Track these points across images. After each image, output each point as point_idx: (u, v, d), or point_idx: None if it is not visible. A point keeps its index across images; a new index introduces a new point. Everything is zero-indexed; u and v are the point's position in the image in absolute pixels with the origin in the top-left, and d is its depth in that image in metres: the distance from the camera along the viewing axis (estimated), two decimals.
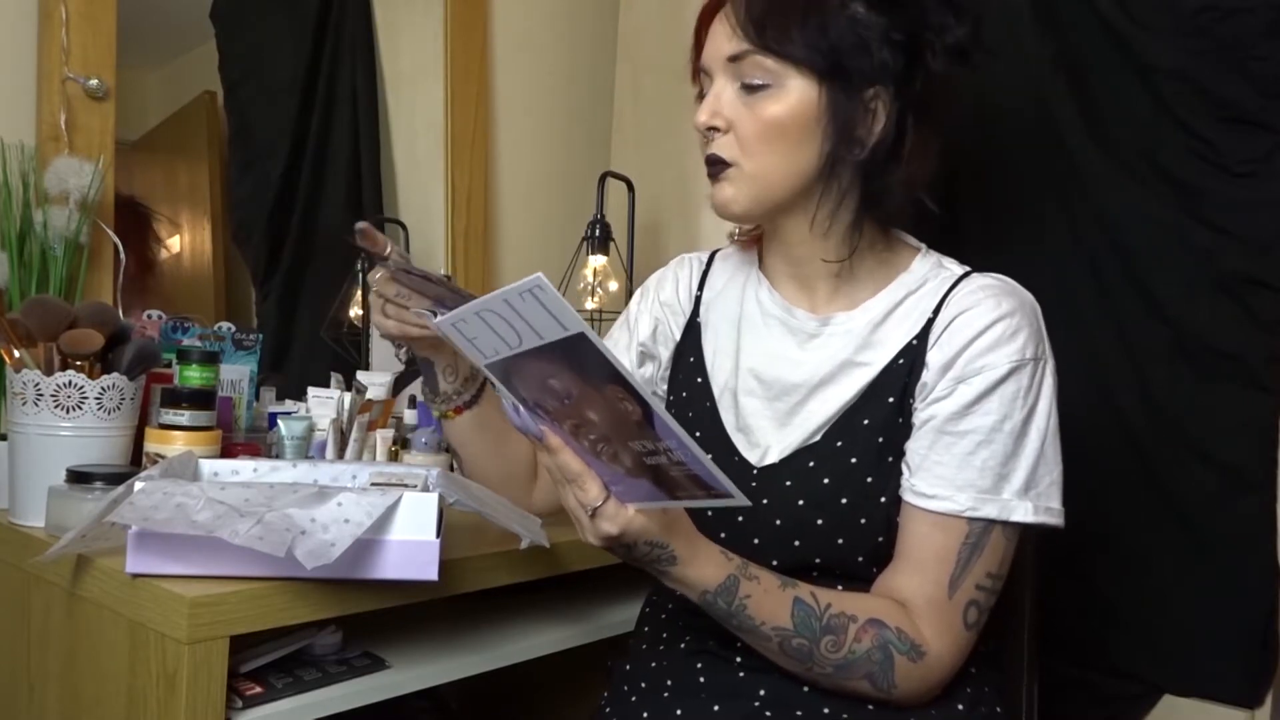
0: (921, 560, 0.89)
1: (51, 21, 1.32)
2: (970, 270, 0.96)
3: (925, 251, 1.00)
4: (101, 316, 1.07)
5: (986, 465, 0.88)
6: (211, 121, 1.65)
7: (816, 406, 0.95)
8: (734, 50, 0.91)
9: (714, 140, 0.94)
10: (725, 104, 0.93)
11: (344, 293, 1.72)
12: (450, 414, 1.05)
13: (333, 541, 0.84)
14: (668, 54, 2.01)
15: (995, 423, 0.88)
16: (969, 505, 0.87)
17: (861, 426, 0.93)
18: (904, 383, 0.92)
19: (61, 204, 1.26)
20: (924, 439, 0.90)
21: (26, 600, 1.02)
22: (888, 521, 0.91)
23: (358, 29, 1.81)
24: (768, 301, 1.02)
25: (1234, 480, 1.23)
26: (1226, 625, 1.22)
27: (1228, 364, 1.23)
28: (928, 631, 0.87)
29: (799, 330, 0.99)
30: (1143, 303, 1.29)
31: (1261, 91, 1.20)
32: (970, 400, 0.88)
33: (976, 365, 0.89)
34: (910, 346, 0.93)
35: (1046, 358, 0.91)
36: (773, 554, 0.93)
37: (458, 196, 1.83)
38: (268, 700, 0.90)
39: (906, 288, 0.96)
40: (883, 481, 0.91)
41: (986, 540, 0.88)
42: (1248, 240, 1.21)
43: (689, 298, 1.09)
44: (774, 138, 0.91)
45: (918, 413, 0.92)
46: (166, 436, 1.08)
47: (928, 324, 0.93)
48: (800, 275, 1.00)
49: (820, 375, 0.96)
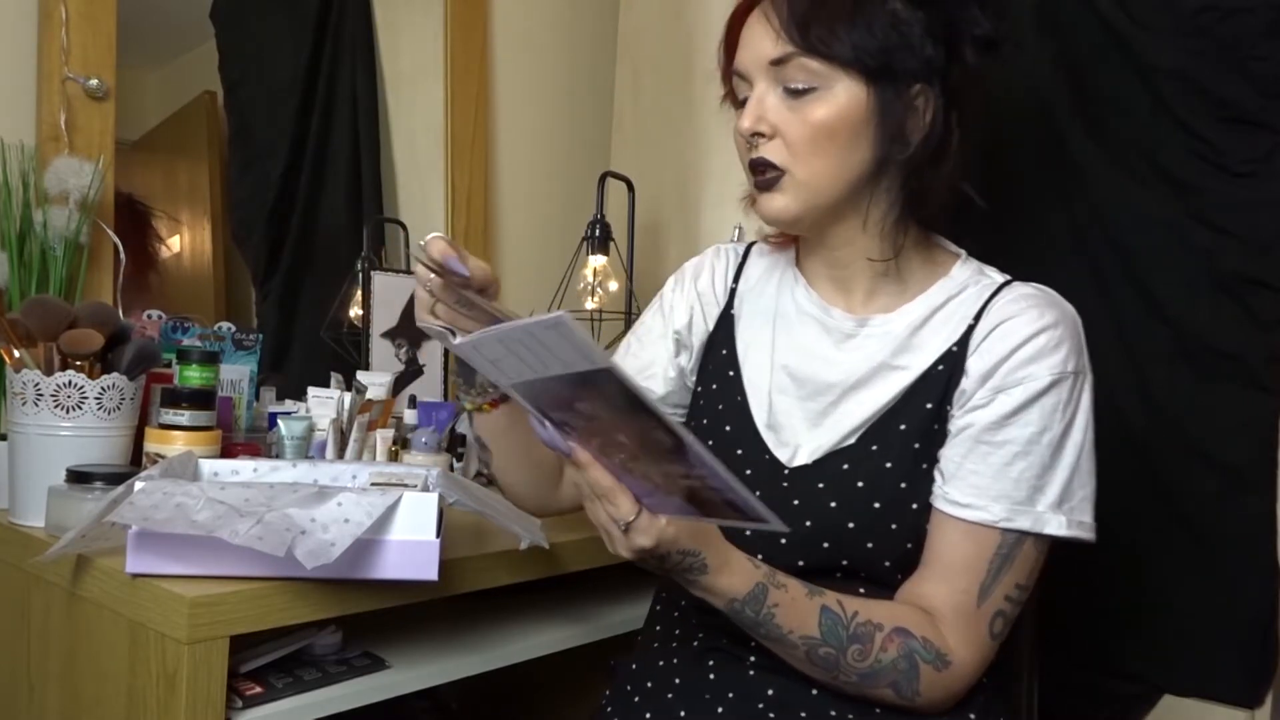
0: (951, 568, 0.88)
1: (51, 21, 1.32)
2: (1011, 279, 0.95)
3: (965, 258, 0.99)
4: (101, 316, 1.07)
5: (1022, 477, 0.87)
6: (211, 121, 1.65)
7: (851, 408, 0.94)
8: (777, 53, 0.89)
9: (760, 145, 0.91)
10: (770, 109, 0.90)
11: (344, 293, 1.72)
12: (486, 407, 1.02)
13: (333, 541, 0.84)
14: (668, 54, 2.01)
15: (1034, 434, 0.87)
16: (1003, 516, 0.87)
17: (898, 431, 0.92)
18: (943, 389, 0.91)
19: (61, 204, 1.26)
20: (960, 447, 0.89)
21: (26, 600, 1.02)
22: (917, 528, 0.90)
23: (358, 29, 1.81)
24: (804, 300, 1.01)
25: (1234, 480, 1.23)
26: (1226, 625, 1.22)
27: (1228, 364, 1.23)
28: (953, 640, 0.87)
29: (835, 330, 0.98)
30: (1143, 303, 1.29)
31: (1261, 91, 1.20)
32: (1010, 411, 0.88)
33: (1018, 375, 0.88)
34: (950, 353, 0.92)
35: (1086, 372, 0.90)
36: (799, 555, 0.92)
37: (458, 196, 1.83)
38: (268, 700, 0.90)
39: (947, 292, 0.95)
40: (915, 487, 0.91)
41: (1018, 551, 0.88)
42: (1248, 240, 1.21)
43: (724, 289, 1.08)
44: (824, 142, 0.89)
45: (954, 420, 0.91)
46: (166, 436, 1.08)
47: (968, 330, 0.92)
48: (839, 276, 0.99)
49: (856, 376, 0.95)
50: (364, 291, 1.65)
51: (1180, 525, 1.26)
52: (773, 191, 0.92)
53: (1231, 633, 1.22)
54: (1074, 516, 0.88)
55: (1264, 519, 1.21)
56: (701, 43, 1.95)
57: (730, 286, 1.08)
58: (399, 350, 1.68)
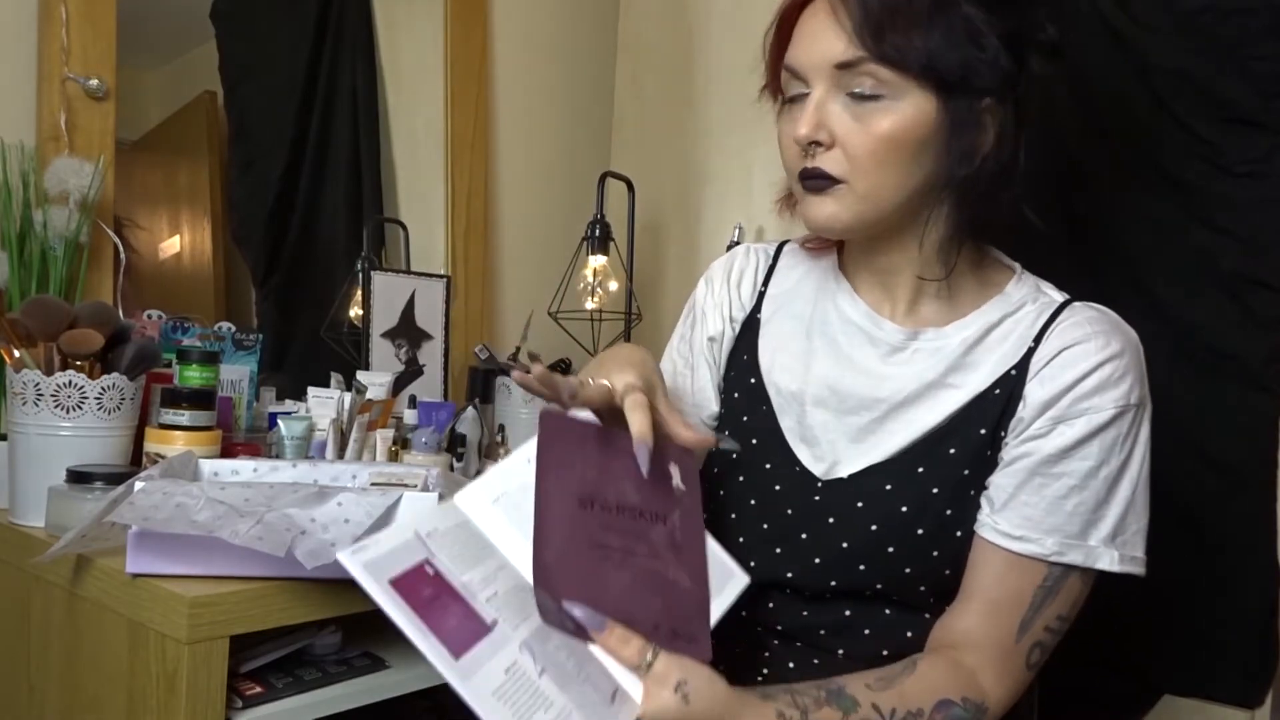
0: (995, 602, 0.85)
1: (51, 21, 1.32)
2: (1071, 298, 0.91)
3: (1021, 272, 0.94)
4: (101, 316, 1.07)
5: (1077, 511, 0.84)
6: (211, 121, 1.65)
7: (897, 427, 0.89)
8: (847, 57, 0.82)
9: (816, 155, 0.84)
10: (831, 116, 0.83)
11: (344, 293, 1.72)
12: None
13: (333, 541, 0.84)
14: (668, 54, 2.01)
15: (1092, 468, 0.84)
16: (1054, 550, 0.83)
17: (946, 455, 0.88)
18: (999, 415, 0.87)
19: (61, 204, 1.26)
20: (1014, 476, 0.85)
21: (26, 600, 1.02)
22: (958, 555, 0.87)
23: (358, 29, 1.81)
24: (848, 308, 0.94)
25: (1234, 480, 1.22)
26: (1226, 625, 1.22)
27: (1228, 364, 1.23)
28: (989, 681, 0.84)
29: (883, 342, 0.92)
30: (1143, 303, 1.29)
31: (1261, 91, 1.20)
32: (1071, 444, 0.84)
33: (1081, 407, 0.84)
34: (1008, 376, 0.87)
35: (1148, 404, 0.86)
36: (833, 575, 0.89)
37: (458, 196, 1.83)
38: (268, 700, 0.90)
39: (1003, 310, 0.90)
40: (961, 515, 0.87)
41: (1063, 584, 0.84)
42: (1248, 240, 1.21)
43: (751, 291, 1.02)
44: (888, 154, 0.82)
45: (1008, 448, 0.87)
46: (166, 436, 1.08)
47: (1028, 353, 0.87)
48: (888, 284, 0.93)
49: (905, 394, 0.90)
50: (364, 291, 1.65)
51: (1180, 525, 1.26)
52: (823, 196, 0.85)
53: (1231, 632, 1.22)
54: (1126, 551, 0.85)
55: (1264, 519, 1.21)
56: (701, 43, 1.95)
57: (760, 290, 1.02)
58: (399, 350, 1.68)
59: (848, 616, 0.90)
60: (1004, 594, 0.84)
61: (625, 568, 0.74)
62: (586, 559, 0.73)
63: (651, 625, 0.73)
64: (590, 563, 0.73)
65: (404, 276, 1.71)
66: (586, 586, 0.71)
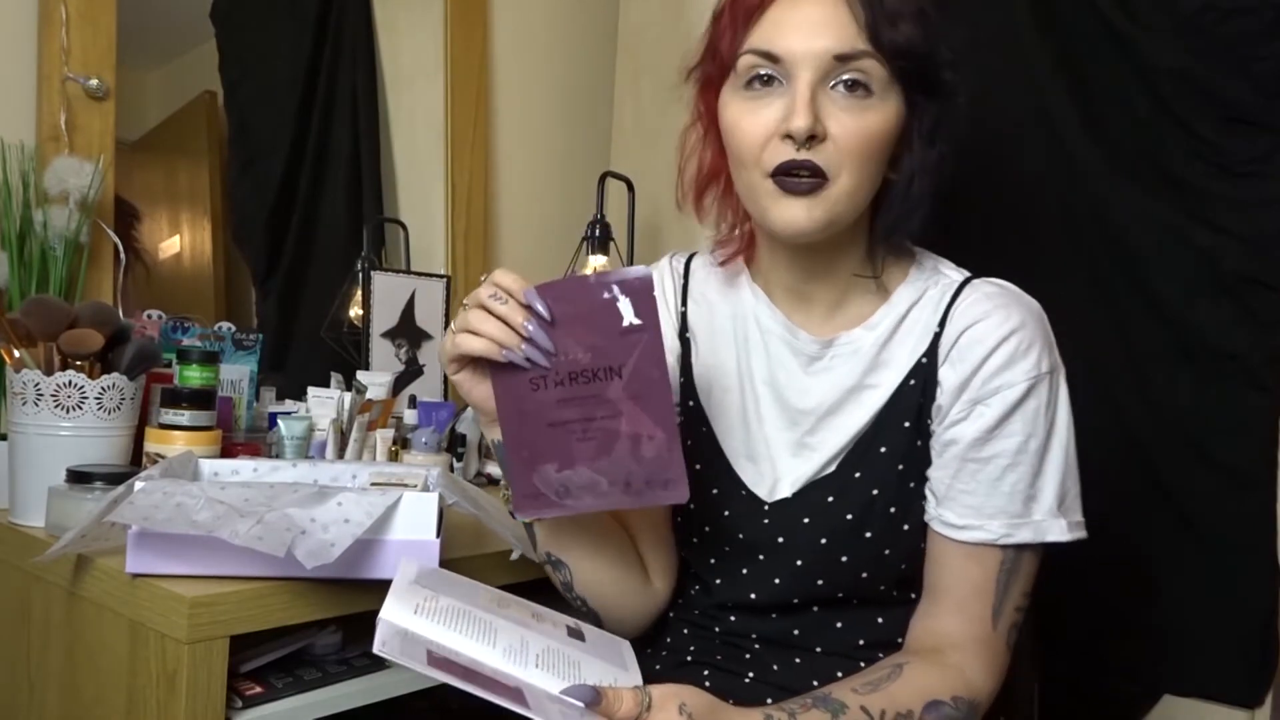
0: (962, 598, 0.86)
1: (51, 21, 1.32)
2: (970, 276, 0.91)
3: (919, 255, 0.94)
4: (101, 316, 1.07)
5: (1015, 489, 0.85)
6: (211, 121, 1.65)
7: (828, 435, 0.91)
8: (849, 49, 0.81)
9: (810, 148, 0.81)
10: (824, 109, 0.81)
11: (344, 293, 1.72)
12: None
13: (333, 541, 0.84)
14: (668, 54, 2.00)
15: (1020, 444, 0.85)
16: (1002, 533, 0.85)
17: (879, 455, 0.89)
18: (918, 405, 0.88)
19: (61, 204, 1.25)
20: (948, 467, 0.87)
21: (26, 600, 1.02)
22: (912, 548, 0.89)
23: (358, 29, 1.81)
24: (767, 319, 0.94)
25: (1234, 480, 1.23)
26: (1226, 625, 1.22)
27: (1228, 364, 1.23)
28: (976, 674, 0.85)
29: (801, 353, 0.93)
30: (1143, 303, 1.29)
31: (1261, 91, 1.20)
32: (992, 424, 0.85)
33: (993, 385, 0.85)
34: (920, 365, 0.88)
35: (1059, 368, 0.87)
36: (794, 592, 0.91)
37: (458, 196, 1.83)
38: (268, 700, 0.90)
39: (908, 300, 0.91)
40: (905, 509, 0.88)
41: (1021, 564, 0.86)
42: (1248, 240, 1.21)
43: (674, 314, 1.00)
44: (871, 152, 0.83)
45: (935, 435, 0.88)
46: (166, 436, 1.08)
47: (935, 339, 0.88)
48: (801, 290, 0.93)
49: (829, 403, 0.91)
50: (364, 291, 1.65)
51: (1180, 525, 1.26)
52: (805, 198, 0.82)
53: (1231, 632, 1.22)
54: (1071, 517, 0.87)
55: (1264, 519, 1.21)
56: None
57: (680, 310, 1.00)
58: (399, 350, 1.68)
59: (816, 614, 0.92)
60: (970, 588, 0.86)
61: (588, 437, 0.79)
62: (549, 442, 0.79)
63: (624, 483, 0.78)
64: (553, 446, 0.79)
65: (404, 276, 1.71)
66: (558, 468, 0.79)
